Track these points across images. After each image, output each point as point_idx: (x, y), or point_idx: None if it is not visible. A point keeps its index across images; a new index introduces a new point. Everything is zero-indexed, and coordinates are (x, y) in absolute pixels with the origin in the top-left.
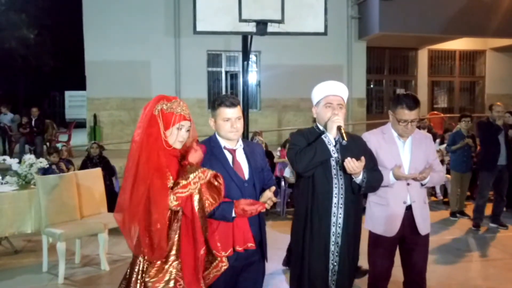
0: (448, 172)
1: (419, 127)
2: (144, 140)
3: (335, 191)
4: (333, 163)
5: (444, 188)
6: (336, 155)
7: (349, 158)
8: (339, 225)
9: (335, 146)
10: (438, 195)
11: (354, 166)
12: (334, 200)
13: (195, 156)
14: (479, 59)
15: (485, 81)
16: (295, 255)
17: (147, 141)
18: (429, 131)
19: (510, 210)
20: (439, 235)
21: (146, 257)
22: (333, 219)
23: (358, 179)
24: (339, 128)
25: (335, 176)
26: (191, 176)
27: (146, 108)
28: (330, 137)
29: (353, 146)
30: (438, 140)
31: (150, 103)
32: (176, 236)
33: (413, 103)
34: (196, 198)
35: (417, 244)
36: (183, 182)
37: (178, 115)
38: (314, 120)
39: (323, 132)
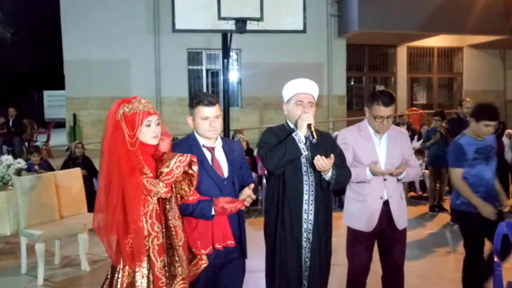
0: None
1: (398, 124)
2: (112, 146)
3: (305, 188)
4: (303, 160)
5: (423, 184)
6: (306, 152)
7: (318, 156)
8: (310, 222)
9: (305, 143)
10: (417, 191)
11: (324, 163)
12: (305, 197)
13: (164, 145)
14: (456, 56)
15: (462, 77)
16: (267, 252)
17: (115, 147)
18: (408, 127)
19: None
20: (418, 230)
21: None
22: (304, 216)
23: (328, 176)
24: (309, 126)
25: (305, 174)
26: (172, 162)
27: (109, 116)
28: (300, 135)
29: (323, 143)
30: (416, 136)
31: (111, 110)
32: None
33: (389, 99)
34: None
35: (395, 239)
36: (166, 170)
37: (141, 112)
38: None
39: (293, 130)
